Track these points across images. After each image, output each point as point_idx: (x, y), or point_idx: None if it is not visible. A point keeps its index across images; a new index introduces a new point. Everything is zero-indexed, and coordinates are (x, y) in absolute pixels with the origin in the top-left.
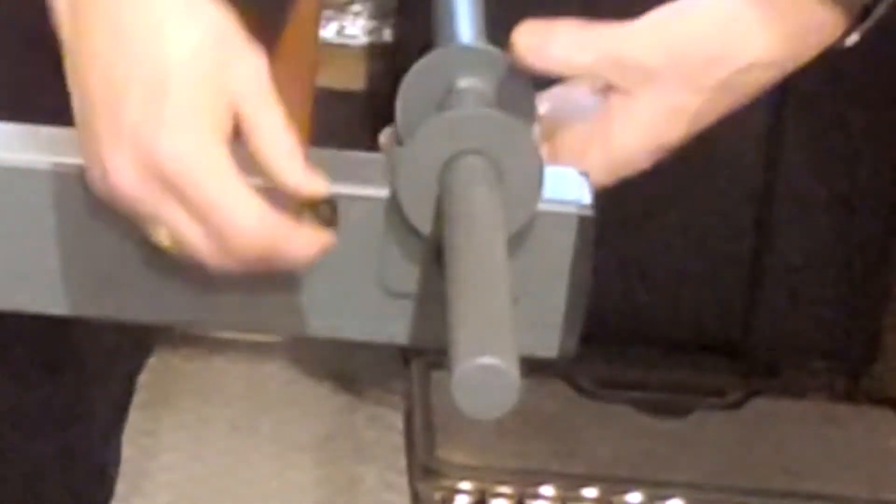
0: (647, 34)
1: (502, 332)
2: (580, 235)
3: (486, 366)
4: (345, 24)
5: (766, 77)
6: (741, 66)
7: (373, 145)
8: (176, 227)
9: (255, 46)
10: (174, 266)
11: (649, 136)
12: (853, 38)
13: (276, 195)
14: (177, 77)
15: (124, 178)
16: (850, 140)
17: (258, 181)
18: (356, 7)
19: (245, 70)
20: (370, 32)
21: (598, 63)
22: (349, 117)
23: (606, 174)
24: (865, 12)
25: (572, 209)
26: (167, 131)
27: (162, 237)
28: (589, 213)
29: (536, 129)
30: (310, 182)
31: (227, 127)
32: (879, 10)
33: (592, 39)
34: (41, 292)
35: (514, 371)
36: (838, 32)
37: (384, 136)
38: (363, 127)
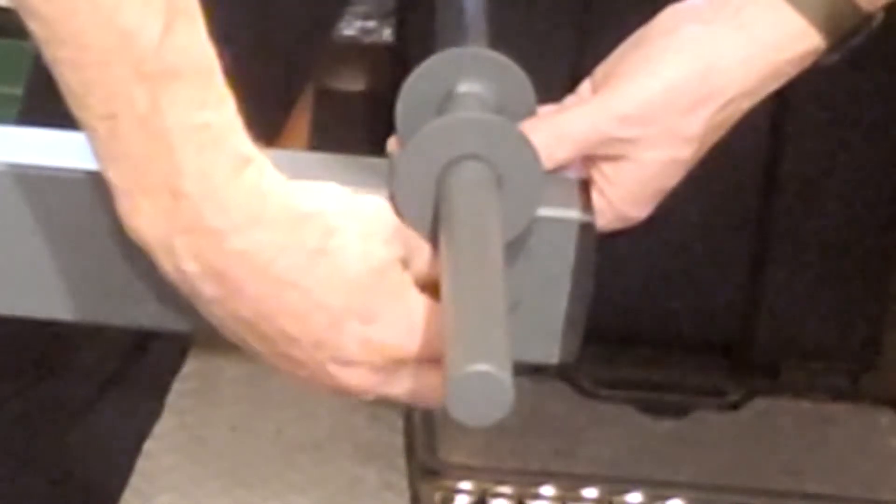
0: (620, 102)
1: (496, 339)
2: (581, 242)
3: (479, 373)
4: (344, 24)
5: (745, 106)
6: (721, 103)
7: (372, 146)
8: (411, 388)
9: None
10: None
11: (646, 191)
12: (832, 58)
13: None
14: (370, 280)
15: (367, 384)
16: (849, 141)
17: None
18: (356, 7)
19: (389, 222)
20: (370, 32)
21: (578, 153)
22: (349, 117)
23: (606, 224)
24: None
25: (573, 215)
26: (398, 326)
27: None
28: (590, 219)
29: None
30: None
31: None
32: (859, 38)
33: (568, 131)
34: (46, 298)
35: (507, 378)
36: (817, 55)
37: (391, 143)
38: (363, 127)
